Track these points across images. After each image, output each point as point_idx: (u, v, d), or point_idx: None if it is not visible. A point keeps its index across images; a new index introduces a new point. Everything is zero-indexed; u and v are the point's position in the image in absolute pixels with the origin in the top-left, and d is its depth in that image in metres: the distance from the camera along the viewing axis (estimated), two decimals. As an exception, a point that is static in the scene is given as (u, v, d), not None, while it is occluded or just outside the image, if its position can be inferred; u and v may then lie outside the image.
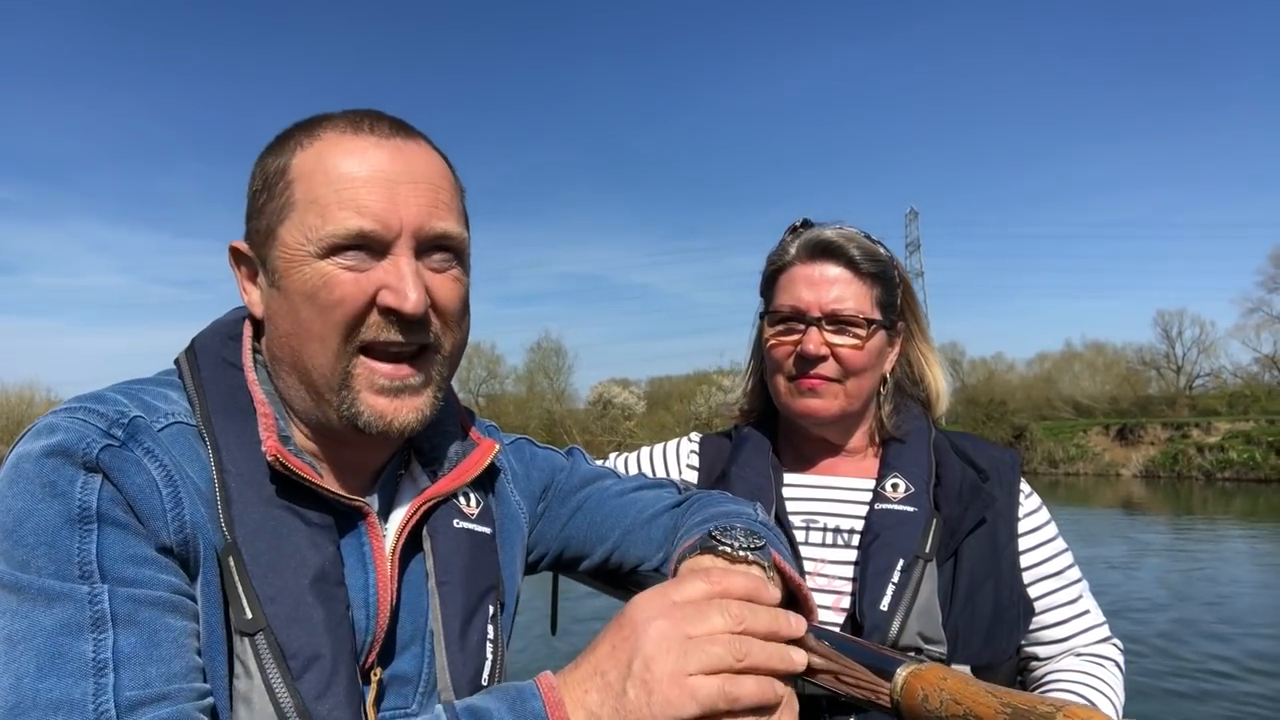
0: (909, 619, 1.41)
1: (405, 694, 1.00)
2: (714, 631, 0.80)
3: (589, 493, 1.30)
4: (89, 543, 0.81)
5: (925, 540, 1.48)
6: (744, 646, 0.80)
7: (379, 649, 0.98)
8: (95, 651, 0.77)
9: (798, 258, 1.62)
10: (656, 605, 0.82)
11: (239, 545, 0.89)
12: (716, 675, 0.78)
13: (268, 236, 0.97)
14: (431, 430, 1.11)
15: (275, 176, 0.97)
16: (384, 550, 1.01)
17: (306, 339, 0.95)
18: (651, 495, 1.29)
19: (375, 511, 1.03)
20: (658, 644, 0.78)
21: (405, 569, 1.04)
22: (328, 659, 0.89)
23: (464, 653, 1.01)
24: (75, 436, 0.84)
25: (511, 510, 1.22)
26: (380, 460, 1.08)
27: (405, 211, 0.94)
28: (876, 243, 1.65)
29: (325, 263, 0.93)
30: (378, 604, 0.99)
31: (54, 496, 0.82)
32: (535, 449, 1.34)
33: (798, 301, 1.59)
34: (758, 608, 0.85)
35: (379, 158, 0.95)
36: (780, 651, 0.83)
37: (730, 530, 0.95)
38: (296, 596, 0.89)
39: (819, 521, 1.60)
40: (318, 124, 0.98)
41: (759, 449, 1.70)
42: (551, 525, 1.29)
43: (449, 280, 0.99)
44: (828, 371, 1.58)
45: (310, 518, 0.94)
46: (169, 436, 0.92)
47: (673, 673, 0.77)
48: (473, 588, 1.05)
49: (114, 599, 0.80)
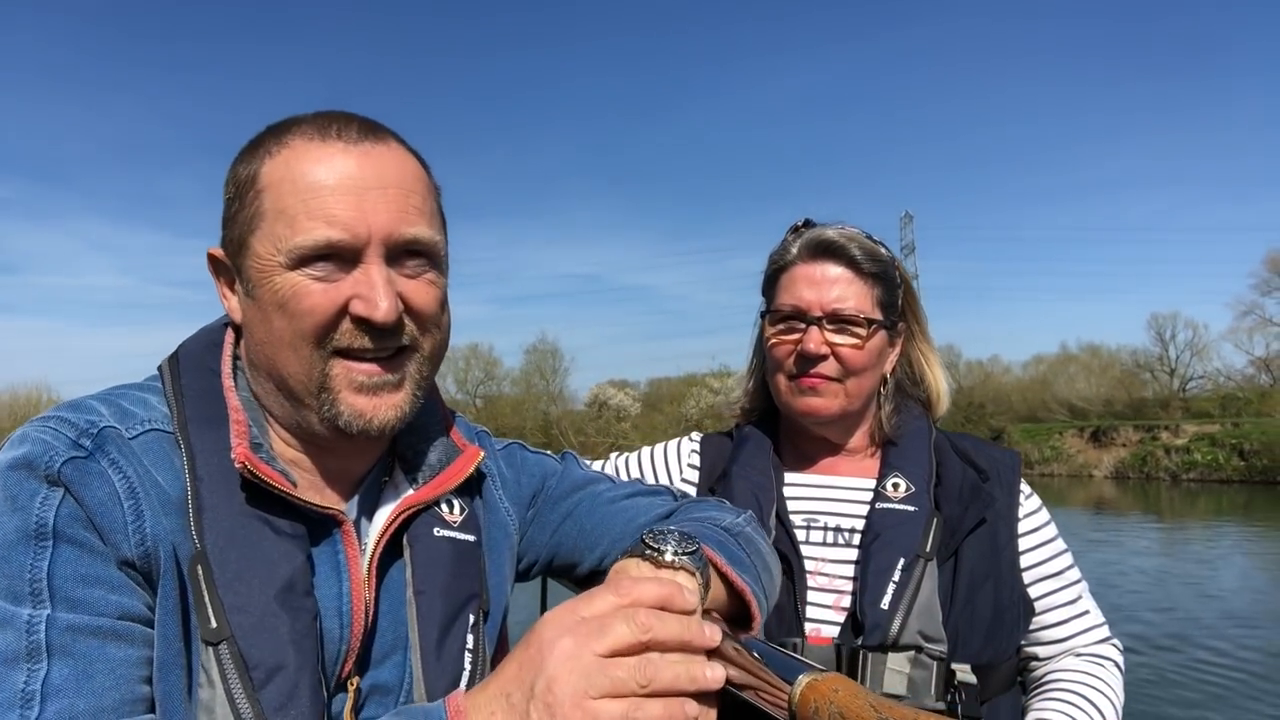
0: (909, 618, 1.41)
1: (386, 703, 1.00)
2: (620, 645, 0.77)
3: (580, 498, 1.28)
4: (42, 560, 0.82)
5: (926, 540, 1.49)
6: (650, 671, 0.77)
7: (355, 658, 0.98)
8: (26, 682, 0.78)
9: (799, 257, 1.63)
10: (564, 622, 0.79)
11: (208, 554, 0.89)
12: (622, 699, 0.75)
13: (240, 246, 0.97)
14: (415, 437, 1.11)
15: (246, 185, 0.97)
16: (359, 559, 1.00)
17: (280, 347, 0.95)
18: (644, 503, 1.27)
19: (352, 520, 1.02)
20: (561, 664, 0.76)
21: (385, 578, 1.03)
22: (291, 670, 0.88)
23: (440, 663, 1.00)
24: (41, 449, 0.86)
25: (500, 518, 1.20)
26: (363, 467, 1.07)
27: (374, 219, 0.93)
28: (878, 243, 1.66)
29: (295, 274, 0.92)
30: (352, 613, 0.98)
31: (14, 510, 0.83)
32: (527, 454, 1.32)
33: (799, 301, 1.60)
34: (668, 616, 0.81)
35: (346, 165, 0.94)
36: (692, 673, 0.79)
37: (662, 534, 0.92)
38: (262, 606, 0.89)
39: (820, 521, 1.61)
40: (286, 130, 0.97)
41: (760, 448, 1.70)
42: (541, 532, 1.27)
43: (423, 285, 0.98)
44: (828, 371, 1.58)
45: (281, 526, 0.94)
46: (142, 444, 0.92)
47: (574, 695, 0.74)
48: (452, 597, 1.04)
49: (51, 628, 0.80)
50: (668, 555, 0.90)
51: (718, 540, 1.06)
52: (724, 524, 1.15)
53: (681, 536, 0.93)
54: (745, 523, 1.20)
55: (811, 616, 1.51)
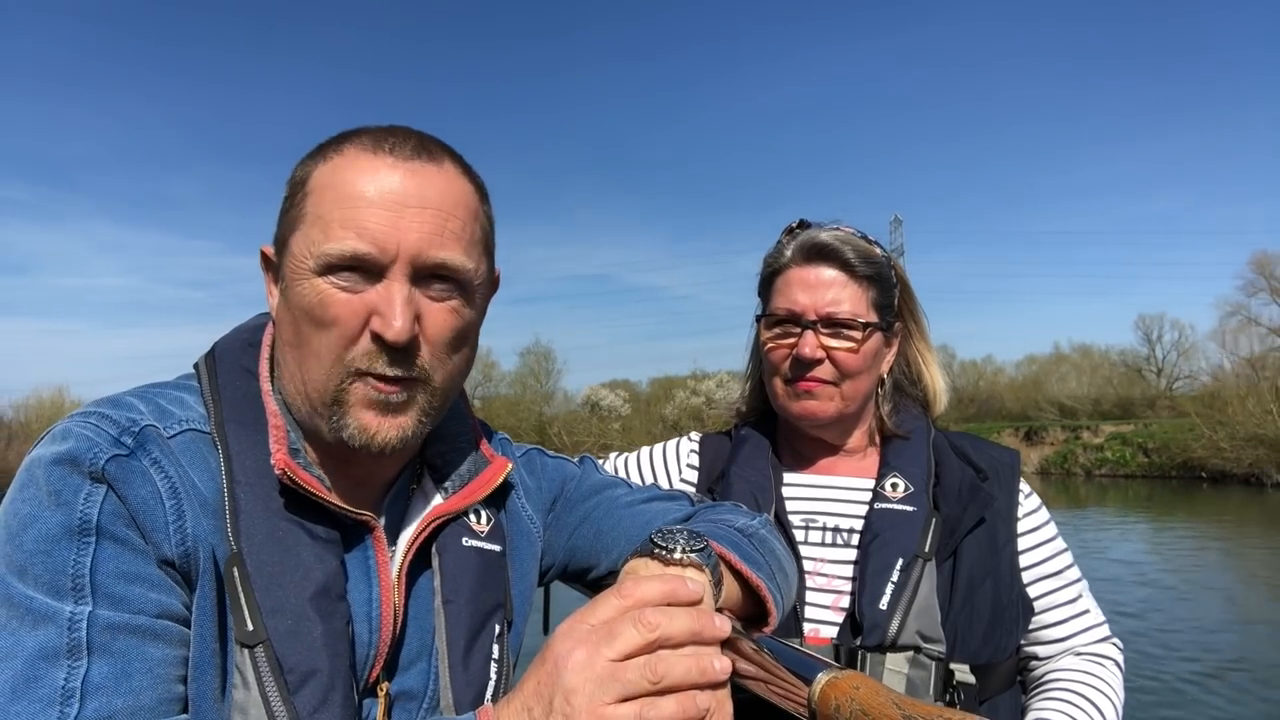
0: (908, 618, 1.41)
1: (410, 709, 1.00)
2: (630, 648, 0.78)
3: (597, 502, 1.28)
4: (85, 555, 0.83)
5: (925, 539, 1.49)
6: (660, 667, 0.78)
7: (383, 664, 0.98)
8: (66, 679, 0.78)
9: (793, 260, 1.63)
10: (575, 633, 0.81)
11: (244, 556, 0.90)
12: (635, 701, 0.77)
13: (283, 245, 0.98)
14: (445, 446, 1.12)
15: (298, 186, 0.98)
16: (389, 565, 1.01)
17: (306, 353, 0.95)
18: (661, 507, 1.27)
19: (382, 526, 1.02)
20: (575, 675, 0.77)
21: (413, 586, 1.04)
22: (325, 674, 0.89)
23: (467, 672, 1.01)
24: (85, 445, 0.86)
25: (524, 527, 1.20)
26: (391, 473, 1.08)
27: (405, 237, 0.92)
28: (873, 243, 1.65)
29: (322, 280, 0.93)
30: (381, 619, 0.99)
31: (58, 505, 0.83)
32: (546, 459, 1.33)
33: (793, 305, 1.60)
34: (675, 611, 0.82)
35: (390, 179, 0.94)
36: (701, 665, 0.81)
37: (670, 533, 0.93)
38: (298, 610, 0.90)
39: (818, 521, 1.60)
40: (346, 138, 0.98)
41: (758, 449, 1.70)
42: (559, 535, 1.27)
43: (444, 310, 0.97)
44: (824, 374, 1.58)
45: (316, 531, 0.94)
46: (180, 444, 0.93)
47: (589, 705, 0.76)
48: (479, 606, 1.04)
49: (92, 626, 0.81)
50: (676, 553, 0.90)
51: (731, 540, 1.06)
52: (737, 525, 1.15)
53: (690, 534, 0.93)
54: (760, 525, 1.20)
55: (810, 617, 1.50)
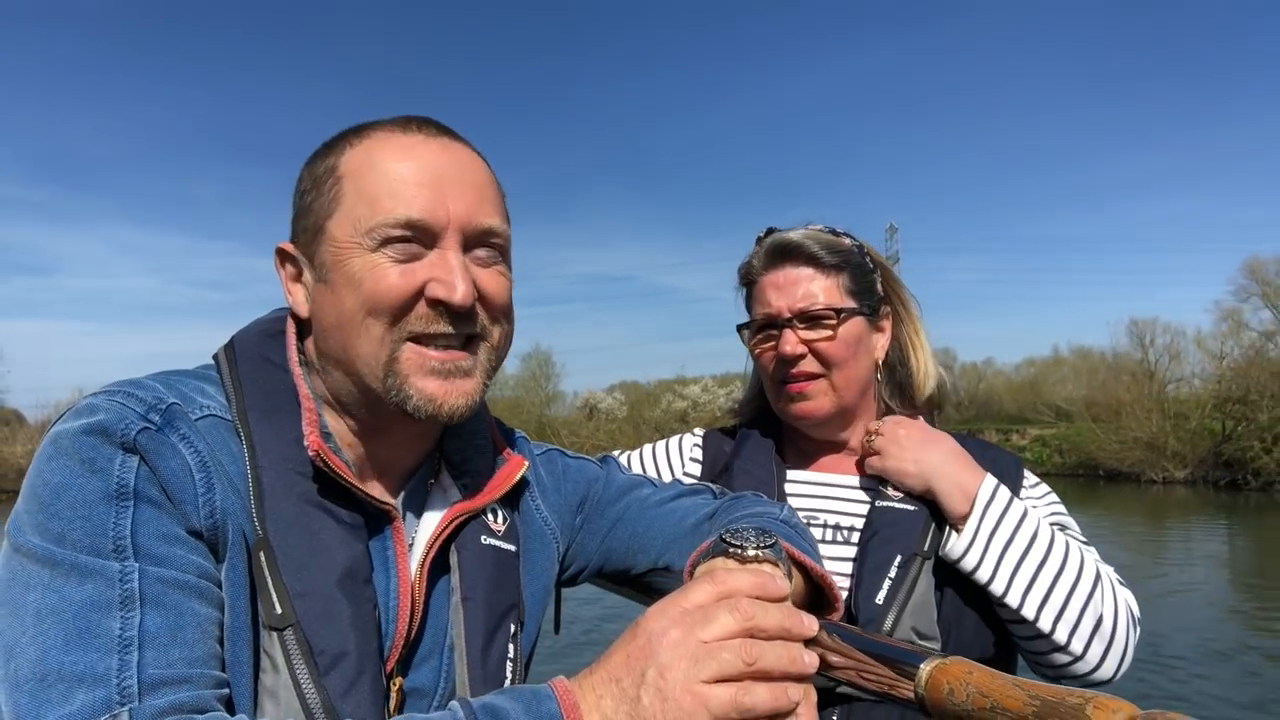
0: (904, 614, 1.42)
1: (420, 706, 1.01)
2: (725, 632, 0.80)
3: (628, 503, 1.29)
4: (124, 518, 0.82)
5: (924, 538, 1.49)
6: (755, 650, 0.80)
7: (398, 655, 0.99)
8: (122, 629, 0.78)
9: (763, 266, 1.66)
10: (669, 614, 0.82)
11: (270, 540, 0.90)
12: (730, 684, 0.78)
13: (316, 233, 0.98)
14: (464, 441, 1.12)
15: (324, 175, 0.99)
16: (407, 557, 1.02)
17: (352, 329, 0.96)
18: (689, 503, 1.29)
19: (401, 516, 1.03)
20: (672, 652, 0.79)
21: (431, 581, 1.04)
22: (353, 657, 0.90)
23: (485, 670, 1.01)
24: (115, 417, 0.86)
25: (536, 528, 1.20)
26: (413, 461, 1.08)
27: (454, 205, 0.96)
28: (841, 234, 1.67)
29: (375, 254, 0.94)
30: (398, 610, 0.99)
31: (93, 472, 0.83)
32: (568, 460, 1.33)
33: (768, 308, 1.63)
34: (768, 605, 0.84)
35: (427, 153, 0.97)
36: (792, 655, 0.82)
37: (740, 531, 0.94)
38: (326, 593, 0.90)
39: (820, 518, 1.62)
40: (367, 127, 1.01)
41: (762, 446, 1.72)
42: (592, 538, 1.28)
43: (495, 274, 1.01)
44: (810, 368, 1.60)
45: (342, 516, 0.95)
46: (204, 427, 0.93)
47: (686, 681, 0.77)
48: (495, 605, 1.05)
49: (144, 579, 0.80)
50: (750, 550, 0.91)
51: (784, 534, 1.08)
52: (780, 517, 1.17)
53: (758, 531, 0.95)
54: (791, 514, 1.23)
55: None
